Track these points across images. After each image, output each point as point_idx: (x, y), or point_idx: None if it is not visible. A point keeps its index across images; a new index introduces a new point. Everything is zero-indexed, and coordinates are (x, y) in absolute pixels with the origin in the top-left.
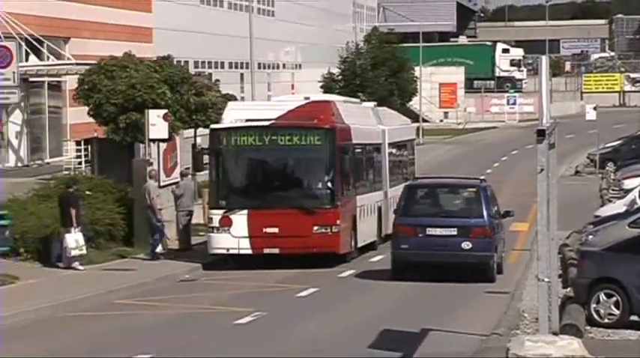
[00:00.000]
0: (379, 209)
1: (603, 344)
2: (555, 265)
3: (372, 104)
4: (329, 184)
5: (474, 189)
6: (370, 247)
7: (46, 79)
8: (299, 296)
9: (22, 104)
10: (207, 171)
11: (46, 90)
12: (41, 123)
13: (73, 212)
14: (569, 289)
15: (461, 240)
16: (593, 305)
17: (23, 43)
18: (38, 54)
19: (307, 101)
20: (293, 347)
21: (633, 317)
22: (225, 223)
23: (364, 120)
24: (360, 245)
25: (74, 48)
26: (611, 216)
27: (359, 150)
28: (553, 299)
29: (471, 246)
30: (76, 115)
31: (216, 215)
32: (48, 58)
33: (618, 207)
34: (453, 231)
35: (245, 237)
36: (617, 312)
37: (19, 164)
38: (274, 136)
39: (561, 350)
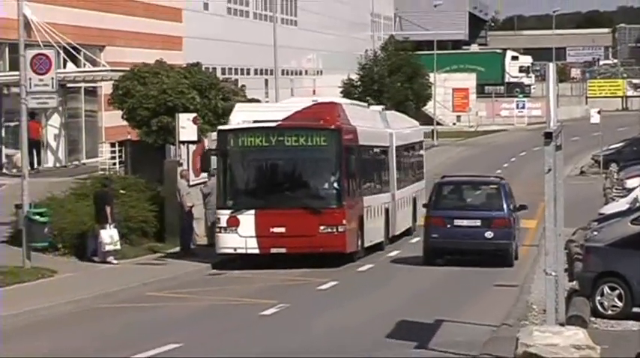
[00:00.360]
0: (386, 210)
1: (607, 334)
2: (562, 260)
3: (379, 107)
4: (335, 184)
5: (495, 186)
6: (378, 247)
7: (83, 84)
8: (320, 288)
9: (60, 108)
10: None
11: (82, 95)
12: (78, 126)
13: (108, 209)
14: (574, 282)
15: (484, 230)
16: (598, 298)
17: (61, 51)
18: (75, 61)
19: (313, 103)
20: (314, 337)
21: (635, 309)
22: (233, 223)
23: (371, 122)
24: (366, 245)
25: (109, 55)
26: (615, 213)
27: (365, 152)
28: (560, 292)
29: (492, 235)
30: (111, 119)
31: (224, 215)
32: (84, 65)
33: (621, 205)
34: (477, 222)
35: (252, 237)
36: (620, 304)
37: (58, 164)
38: (281, 137)
39: (567, 339)
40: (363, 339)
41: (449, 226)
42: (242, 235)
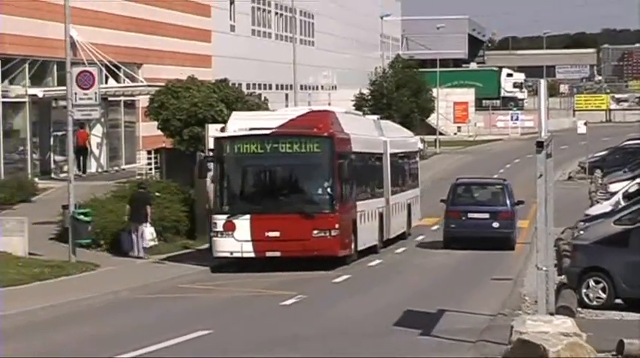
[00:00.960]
0: (381, 215)
1: (592, 322)
2: (552, 256)
3: (374, 117)
4: (328, 190)
5: (500, 186)
6: (372, 250)
7: (122, 98)
8: (335, 281)
9: (102, 120)
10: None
11: (122, 107)
12: (118, 135)
13: (149, 209)
14: (563, 276)
15: (491, 221)
16: (584, 290)
17: (103, 69)
18: (116, 77)
19: (308, 111)
20: (330, 324)
21: (617, 301)
22: (229, 228)
23: (365, 130)
24: (360, 248)
25: (146, 72)
26: (599, 214)
27: (359, 158)
28: (550, 285)
29: (498, 225)
30: (147, 129)
31: (220, 220)
32: (124, 80)
33: (605, 207)
34: (486, 215)
35: (248, 241)
36: (603, 296)
37: (100, 170)
38: (275, 144)
39: (556, 327)
40: (373, 326)
41: (463, 218)
42: (238, 239)
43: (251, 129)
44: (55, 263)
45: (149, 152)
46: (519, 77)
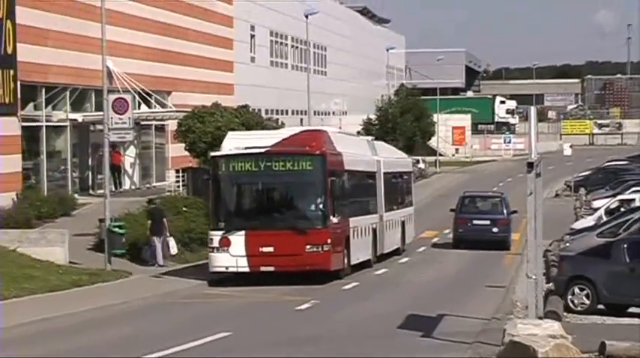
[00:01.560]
0: (374, 230)
1: (577, 326)
2: (540, 266)
3: (369, 138)
4: (320, 206)
5: (498, 198)
6: (366, 265)
7: (154, 122)
8: (344, 288)
9: (135, 142)
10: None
11: (153, 131)
12: (149, 156)
13: (165, 221)
14: (551, 284)
15: (492, 227)
16: (569, 297)
17: (136, 96)
18: (148, 103)
19: (301, 130)
20: (340, 326)
21: (600, 306)
22: (225, 243)
23: (359, 150)
24: (353, 263)
25: (175, 99)
26: (583, 228)
27: (351, 176)
28: (539, 292)
29: (497, 230)
30: (176, 150)
31: (216, 236)
32: (155, 106)
33: (589, 221)
34: (487, 222)
35: (243, 256)
36: (587, 302)
37: (133, 187)
38: (269, 162)
39: (545, 330)
40: (379, 328)
41: (469, 224)
42: (233, 254)
43: (246, 147)
44: (92, 271)
45: (177, 171)
46: (511, 104)
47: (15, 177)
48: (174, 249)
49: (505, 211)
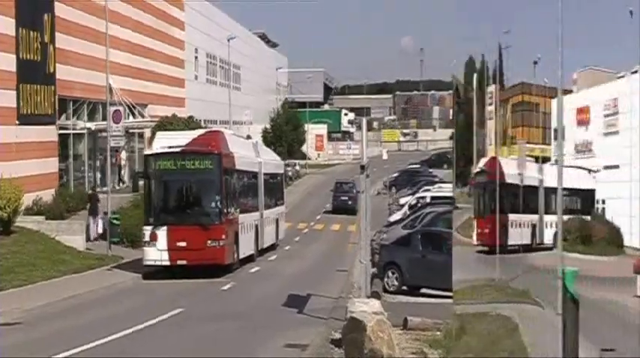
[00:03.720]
0: (256, 227)
1: (390, 304)
2: (369, 253)
3: (254, 140)
4: (218, 203)
5: (351, 184)
6: (250, 259)
7: (137, 130)
8: (250, 272)
9: (126, 147)
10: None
11: (136, 137)
12: (134, 158)
13: (99, 206)
14: (375, 269)
15: (348, 201)
16: (386, 279)
17: (126, 108)
18: (133, 114)
19: (206, 131)
20: (256, 298)
21: (404, 287)
22: (153, 238)
23: (246, 151)
24: (241, 257)
25: (150, 110)
26: (395, 221)
27: (240, 175)
28: (367, 275)
29: (351, 203)
30: None
31: (147, 230)
32: (137, 116)
33: (398, 215)
34: (346, 197)
35: (165, 250)
36: (397, 284)
37: (122, 185)
38: (183, 161)
39: (371, 308)
40: (271, 304)
41: (339, 198)
42: (159, 249)
43: (170, 147)
44: (99, 256)
45: None
46: (351, 116)
47: (54, 176)
48: (100, 228)
49: (354, 191)
